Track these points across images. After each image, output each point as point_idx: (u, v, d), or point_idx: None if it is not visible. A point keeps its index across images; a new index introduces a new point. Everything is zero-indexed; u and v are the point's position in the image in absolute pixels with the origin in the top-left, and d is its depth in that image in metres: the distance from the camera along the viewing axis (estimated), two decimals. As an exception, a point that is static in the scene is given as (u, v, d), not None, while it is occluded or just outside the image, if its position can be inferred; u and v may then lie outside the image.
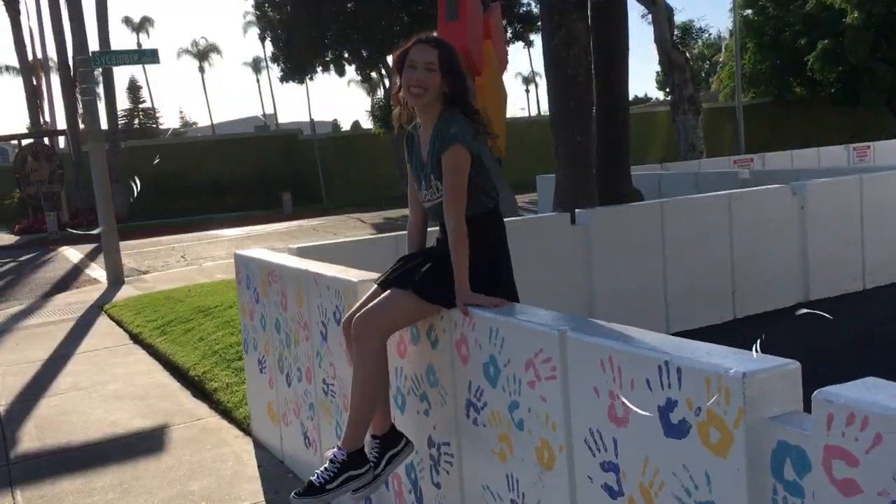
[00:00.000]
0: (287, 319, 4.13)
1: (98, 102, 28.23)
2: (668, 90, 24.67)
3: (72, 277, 14.57)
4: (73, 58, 11.94)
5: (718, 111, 36.73)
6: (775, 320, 6.40)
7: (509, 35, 29.81)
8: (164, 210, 29.58)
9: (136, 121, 78.12)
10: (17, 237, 24.99)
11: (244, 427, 5.00)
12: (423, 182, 2.92)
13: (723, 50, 47.97)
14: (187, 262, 15.56)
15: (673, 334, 5.93)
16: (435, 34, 2.85)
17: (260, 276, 4.45)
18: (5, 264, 18.13)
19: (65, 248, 20.69)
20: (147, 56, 12.44)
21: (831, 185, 6.98)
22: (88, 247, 19.43)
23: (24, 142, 27.24)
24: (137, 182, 23.03)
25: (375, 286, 2.92)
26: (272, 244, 17.42)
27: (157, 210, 29.52)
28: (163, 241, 20.49)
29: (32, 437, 5.26)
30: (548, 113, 7.15)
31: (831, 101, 34.75)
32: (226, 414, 5.31)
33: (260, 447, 4.69)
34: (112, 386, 6.33)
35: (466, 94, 2.87)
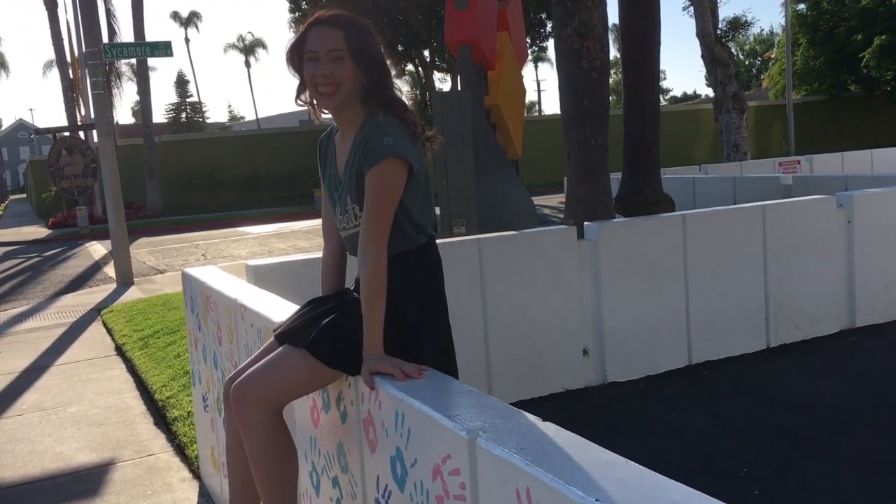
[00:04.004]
0: (222, 356, 3.51)
1: (116, 96, 28.10)
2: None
3: (88, 276, 14.23)
4: (82, 50, 11.47)
5: (768, 109, 35.36)
6: (815, 351, 5.62)
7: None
8: (197, 205, 29.40)
9: (184, 115, 78.93)
10: (50, 231, 24.97)
11: (195, 468, 4.41)
12: (337, 205, 2.26)
13: (775, 46, 46.45)
14: (207, 260, 15.13)
15: (696, 365, 5.19)
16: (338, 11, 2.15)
17: (200, 301, 3.84)
18: (29, 259, 17.93)
19: (93, 243, 20.50)
20: (160, 49, 11.97)
21: (883, 196, 6.14)
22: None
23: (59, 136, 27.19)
24: None
25: (272, 337, 2.27)
26: (296, 243, 16.94)
27: (192, 205, 29.35)
28: (189, 238, 20.16)
29: (-32, 469, 4.73)
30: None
31: (888, 100, 33.22)
32: (180, 450, 4.72)
33: (205, 496, 4.08)
34: (75, 408, 5.80)
35: (388, 86, 2.20)
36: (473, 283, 4.77)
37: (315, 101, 2.23)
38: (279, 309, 2.80)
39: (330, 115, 2.31)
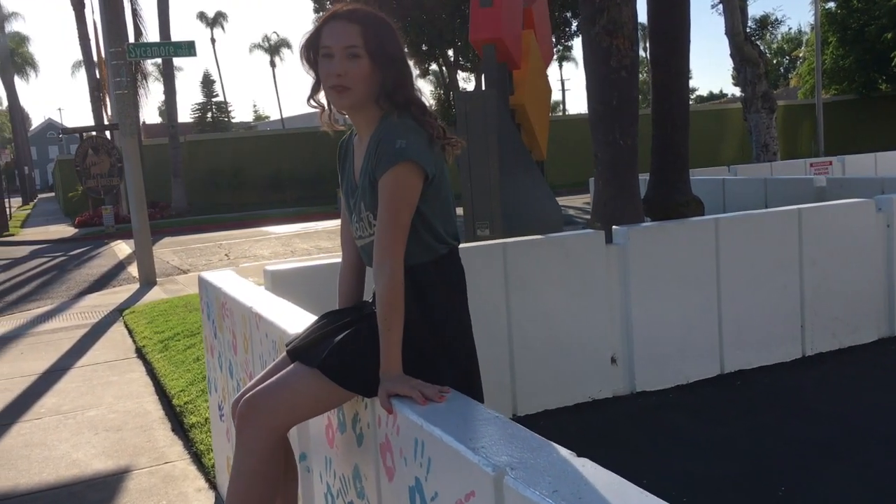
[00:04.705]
0: (237, 365, 3.39)
1: (142, 96, 28.19)
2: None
3: (112, 275, 14.25)
4: (106, 50, 11.46)
5: (797, 108, 34.84)
6: (852, 360, 5.41)
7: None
8: (222, 204, 29.48)
9: (209, 114, 79.39)
10: (76, 230, 25.14)
11: (211, 477, 4.30)
12: (353, 212, 2.13)
13: (803, 44, 45.82)
14: (230, 260, 15.11)
15: (728, 375, 5.02)
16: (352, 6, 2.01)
17: (216, 307, 3.72)
18: (55, 259, 18.03)
19: (118, 242, 20.59)
20: (183, 49, 11.93)
21: (925, 199, 5.90)
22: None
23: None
24: None
25: (285, 352, 2.14)
26: (319, 243, 16.87)
27: (216, 204, 29.43)
28: (213, 237, 20.19)
29: (-17, 475, 4.67)
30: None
31: (920, 99, 32.62)
32: (196, 458, 4.62)
33: (220, 506, 3.97)
34: (93, 412, 5.73)
35: (407, 86, 2.05)
36: (498, 288, 4.63)
37: (329, 102, 2.09)
38: (295, 319, 2.67)
39: (348, 120, 2.18)
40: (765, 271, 5.29)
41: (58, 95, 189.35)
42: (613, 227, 5.04)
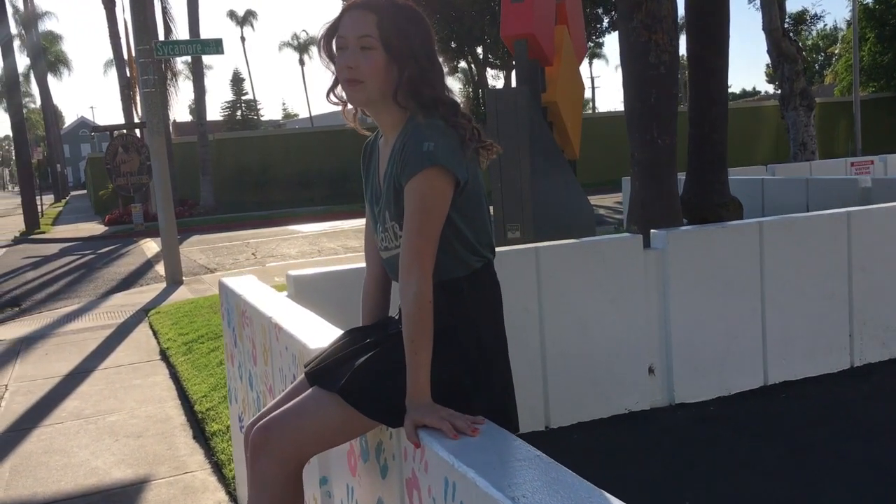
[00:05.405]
0: (257, 376, 3.22)
1: (172, 94, 28.29)
2: (777, 83, 22.76)
3: (139, 274, 14.24)
4: (135, 48, 11.41)
5: (832, 106, 34.13)
6: (904, 371, 5.14)
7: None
8: (250, 202, 29.51)
9: (239, 112, 79.89)
10: (106, 227, 25.29)
11: (231, 490, 4.15)
12: (377, 221, 1.94)
13: (839, 41, 45.00)
14: (256, 259, 15.04)
15: (772, 386, 4.77)
16: None
17: (236, 315, 3.56)
18: (84, 256, 18.10)
19: (147, 240, 20.64)
20: (210, 46, 11.84)
21: (981, 202, 5.60)
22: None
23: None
24: None
25: (303, 374, 1.96)
26: (346, 242, 16.75)
27: (244, 202, 29.46)
28: (241, 236, 20.17)
29: (1, 483, 4.55)
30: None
31: (961, 97, 31.81)
32: (217, 468, 4.47)
33: (240, 522, 3.82)
34: (114, 416, 5.61)
35: (432, 83, 1.85)
36: (530, 295, 4.42)
37: (346, 97, 1.90)
38: (317, 332, 2.49)
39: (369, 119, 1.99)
40: (811, 277, 5.03)
41: (90, 94, 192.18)
42: (651, 230, 4.81)
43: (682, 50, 8.99)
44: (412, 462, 1.67)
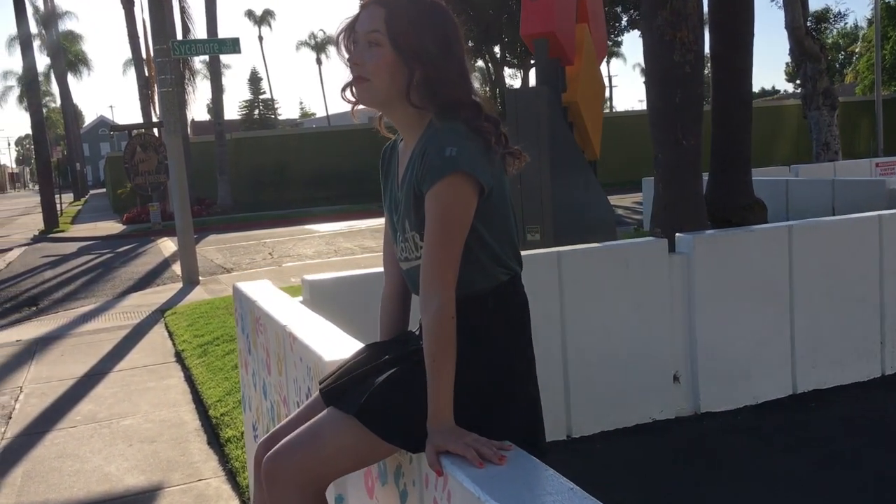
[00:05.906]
0: (271, 386, 3.13)
1: (190, 93, 28.31)
2: (798, 82, 22.47)
3: (156, 273, 14.23)
4: (153, 48, 11.38)
5: (853, 105, 33.70)
6: (938, 380, 4.98)
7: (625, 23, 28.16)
8: (267, 202, 29.52)
9: (256, 112, 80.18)
10: (124, 226, 25.37)
11: (246, 498, 4.06)
12: (397, 231, 1.83)
13: (860, 39, 44.52)
14: (273, 259, 15.00)
15: (801, 395, 4.63)
16: None
17: (250, 321, 3.47)
18: (102, 256, 18.13)
19: (164, 239, 20.67)
20: (227, 46, 11.81)
21: None
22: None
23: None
24: None
25: (317, 391, 1.85)
26: (363, 242, 16.68)
27: (261, 201, 29.48)
28: (258, 235, 20.15)
29: (13, 489, 4.49)
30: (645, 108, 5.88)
31: None
32: (231, 476, 4.38)
33: (254, 533, 3.72)
34: (129, 420, 5.55)
35: (453, 84, 1.73)
36: (551, 300, 4.30)
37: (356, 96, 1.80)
38: (333, 344, 2.39)
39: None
40: (842, 283, 4.88)
41: (110, 93, 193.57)
42: (677, 234, 4.68)
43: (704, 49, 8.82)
44: (434, 490, 1.57)
